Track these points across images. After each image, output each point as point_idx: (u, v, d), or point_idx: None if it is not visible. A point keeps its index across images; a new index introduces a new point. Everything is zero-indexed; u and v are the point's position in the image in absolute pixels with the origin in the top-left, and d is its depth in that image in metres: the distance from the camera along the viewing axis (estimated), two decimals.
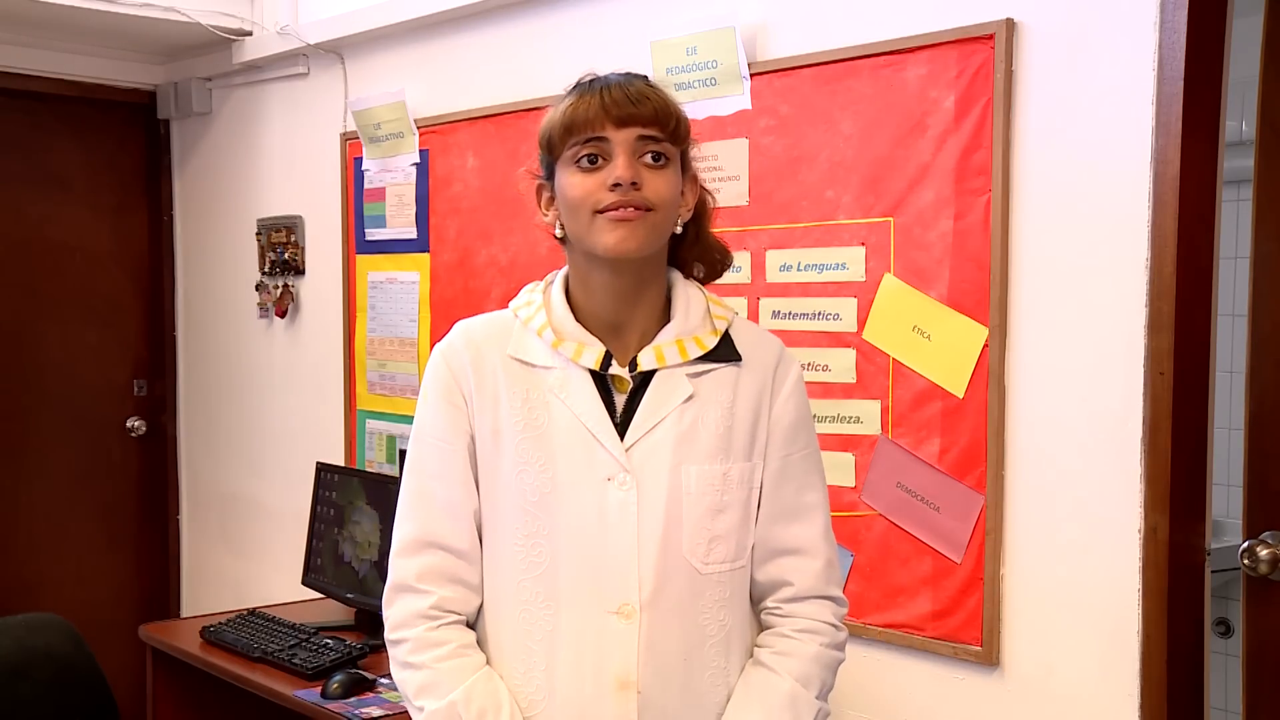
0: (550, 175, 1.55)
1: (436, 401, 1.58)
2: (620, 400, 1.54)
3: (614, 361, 1.54)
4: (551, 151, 1.52)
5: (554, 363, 1.54)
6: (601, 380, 1.54)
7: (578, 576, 1.51)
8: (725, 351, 1.57)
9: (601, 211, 1.47)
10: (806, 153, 2.49)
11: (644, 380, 1.54)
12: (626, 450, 1.51)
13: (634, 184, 1.46)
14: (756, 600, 1.62)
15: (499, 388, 1.55)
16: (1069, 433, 2.16)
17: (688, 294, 1.59)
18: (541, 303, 1.58)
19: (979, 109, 2.23)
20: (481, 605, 1.57)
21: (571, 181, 1.49)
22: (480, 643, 1.57)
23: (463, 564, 1.55)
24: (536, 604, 1.52)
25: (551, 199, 1.55)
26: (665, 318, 1.57)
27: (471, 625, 1.58)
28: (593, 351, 1.53)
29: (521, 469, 1.52)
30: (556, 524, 1.51)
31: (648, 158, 1.48)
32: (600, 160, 1.48)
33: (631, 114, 1.47)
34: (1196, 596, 2.08)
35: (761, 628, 1.62)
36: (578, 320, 1.55)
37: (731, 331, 1.59)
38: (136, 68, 4.32)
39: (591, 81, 1.52)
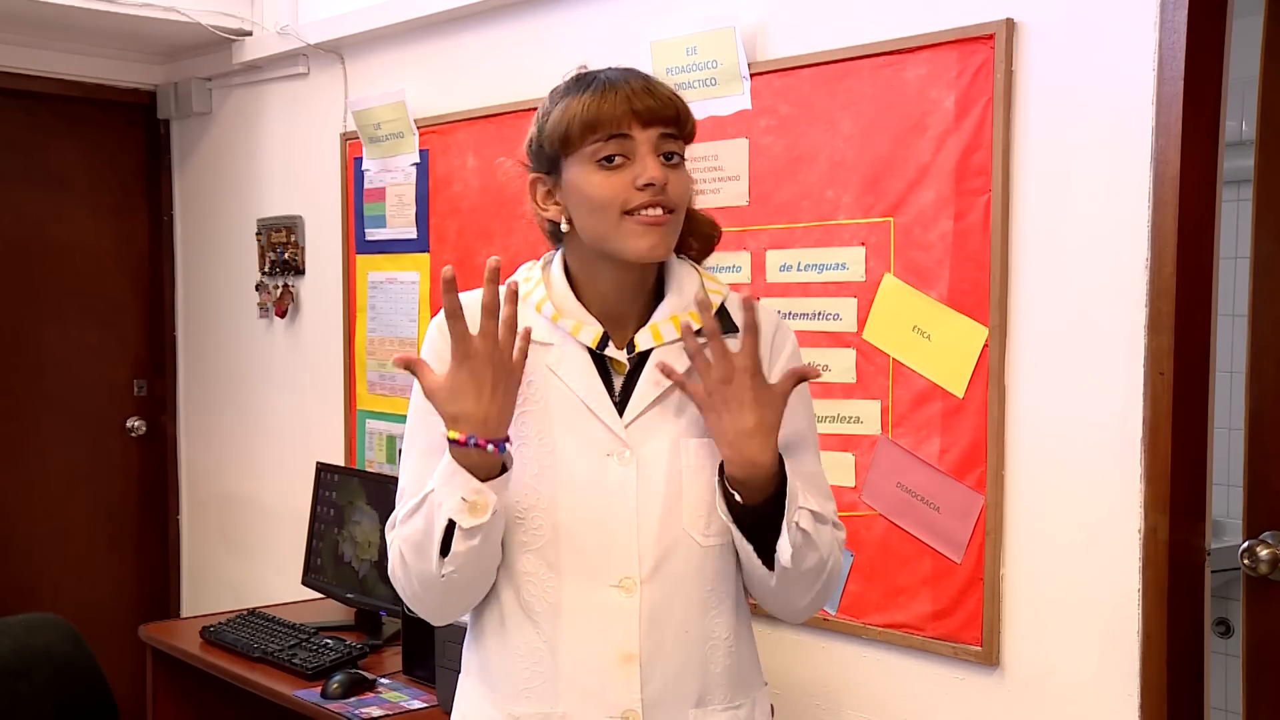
0: (549, 170, 1.53)
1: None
2: (618, 382, 1.54)
3: (611, 344, 1.53)
4: (566, 148, 1.49)
5: (552, 339, 1.54)
6: (600, 360, 1.54)
7: (578, 551, 1.50)
8: (722, 324, 1.55)
9: (630, 213, 1.47)
10: (806, 153, 2.49)
11: (641, 361, 1.54)
12: (626, 426, 1.51)
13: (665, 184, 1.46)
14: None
15: None
16: (1069, 433, 2.15)
17: (681, 272, 1.58)
18: (541, 278, 1.58)
19: (979, 109, 2.22)
20: None
21: (594, 181, 1.47)
22: (484, 614, 1.56)
23: None
24: (538, 576, 1.52)
25: (549, 193, 1.54)
26: (658, 298, 1.57)
27: None
28: (591, 330, 1.53)
29: (521, 442, 1.51)
30: (556, 498, 1.50)
31: (663, 157, 1.48)
32: (620, 159, 1.47)
33: (657, 114, 1.47)
34: (1196, 596, 2.08)
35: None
36: (578, 300, 1.55)
37: (727, 305, 1.59)
38: (136, 68, 4.32)
39: (606, 81, 1.49)
